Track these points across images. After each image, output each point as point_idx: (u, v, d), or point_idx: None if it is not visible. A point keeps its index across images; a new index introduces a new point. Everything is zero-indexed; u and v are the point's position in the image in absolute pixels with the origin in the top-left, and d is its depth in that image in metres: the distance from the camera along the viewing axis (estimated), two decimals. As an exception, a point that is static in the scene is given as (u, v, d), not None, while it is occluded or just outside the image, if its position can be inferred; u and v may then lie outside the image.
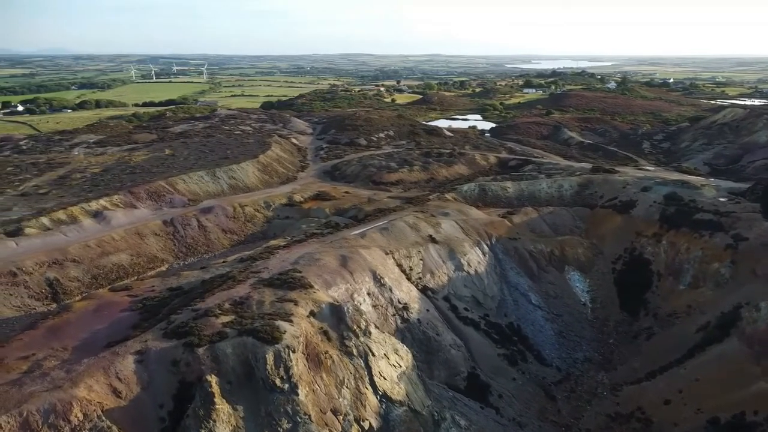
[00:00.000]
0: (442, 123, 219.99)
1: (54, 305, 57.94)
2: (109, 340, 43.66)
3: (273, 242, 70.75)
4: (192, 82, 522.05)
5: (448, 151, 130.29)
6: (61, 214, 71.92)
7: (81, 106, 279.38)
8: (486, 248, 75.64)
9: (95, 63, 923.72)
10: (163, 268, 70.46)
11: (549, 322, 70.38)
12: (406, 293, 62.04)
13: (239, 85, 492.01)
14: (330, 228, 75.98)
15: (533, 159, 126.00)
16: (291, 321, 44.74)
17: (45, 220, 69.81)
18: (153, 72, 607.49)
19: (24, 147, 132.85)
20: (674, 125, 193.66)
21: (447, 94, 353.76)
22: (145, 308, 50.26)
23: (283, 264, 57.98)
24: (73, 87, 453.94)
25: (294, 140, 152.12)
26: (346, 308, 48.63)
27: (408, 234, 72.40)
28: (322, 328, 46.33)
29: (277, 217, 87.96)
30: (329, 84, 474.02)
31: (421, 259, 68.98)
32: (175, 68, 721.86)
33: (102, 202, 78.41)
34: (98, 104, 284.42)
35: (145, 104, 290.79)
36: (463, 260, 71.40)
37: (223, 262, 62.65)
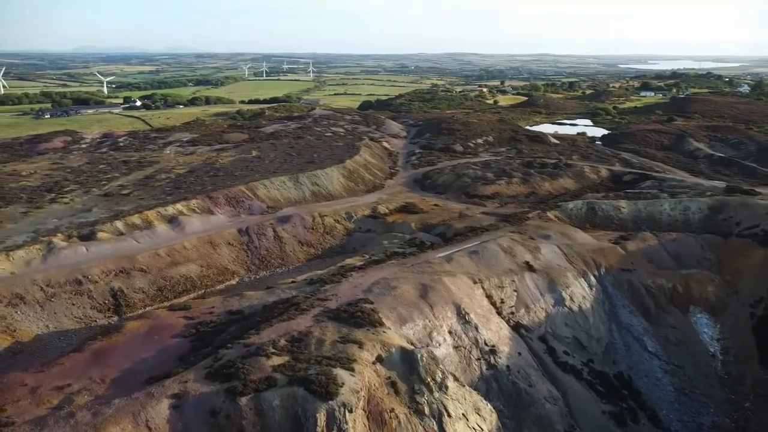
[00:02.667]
0: (548, 128, 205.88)
1: (115, 318, 55.19)
2: (150, 374, 39.18)
3: (348, 261, 64.51)
4: (298, 81, 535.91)
5: (552, 161, 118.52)
6: (136, 219, 69.94)
7: (192, 102, 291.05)
8: (593, 280, 65.04)
9: (214, 61, 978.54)
10: (233, 282, 66.34)
11: (668, 375, 58.92)
12: (495, 332, 53.37)
13: (343, 84, 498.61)
14: (413, 246, 68.66)
15: (653, 174, 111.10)
16: (352, 369, 38.04)
17: (119, 224, 68.00)
18: (264, 70, 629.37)
19: (121, 144, 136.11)
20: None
21: (554, 96, 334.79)
22: (198, 335, 45.66)
23: (354, 291, 51.55)
24: (190, 84, 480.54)
25: (385, 144, 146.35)
26: (419, 356, 41.06)
27: (501, 259, 63.55)
28: (389, 378, 39.27)
29: (358, 229, 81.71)
30: (430, 84, 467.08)
31: (514, 290, 59.94)
32: (285, 66, 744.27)
33: (179, 206, 75.94)
34: (208, 101, 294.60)
35: (250, 101, 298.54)
36: (564, 293, 61.46)
37: (292, 282, 57.14)
